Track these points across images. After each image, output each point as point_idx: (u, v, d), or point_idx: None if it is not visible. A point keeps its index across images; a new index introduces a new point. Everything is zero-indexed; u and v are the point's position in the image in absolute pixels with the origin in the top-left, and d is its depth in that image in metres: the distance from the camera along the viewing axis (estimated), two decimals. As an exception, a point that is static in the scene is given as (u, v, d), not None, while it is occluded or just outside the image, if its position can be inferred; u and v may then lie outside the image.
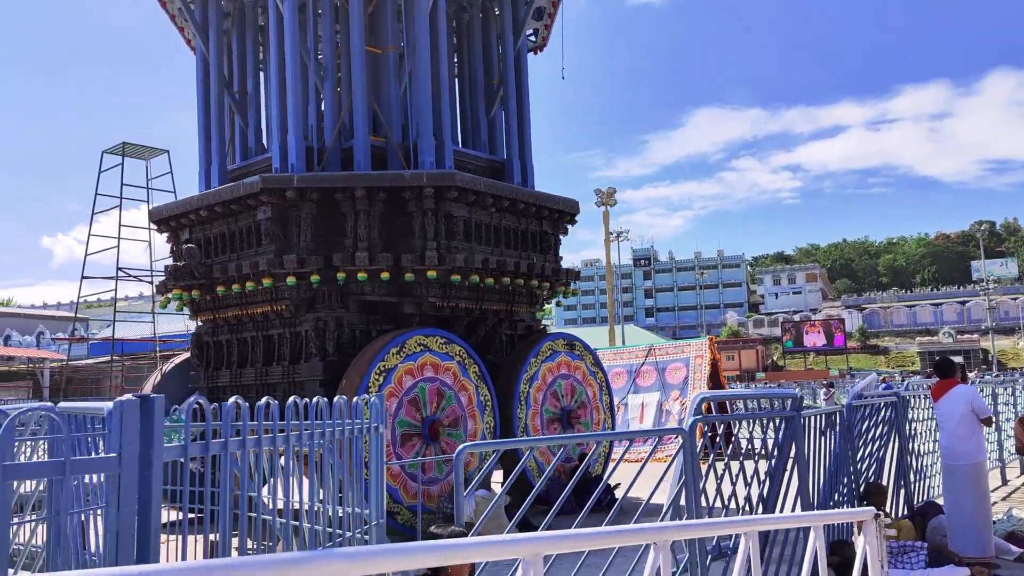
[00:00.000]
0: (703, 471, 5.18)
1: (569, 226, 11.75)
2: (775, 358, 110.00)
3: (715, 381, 18.67)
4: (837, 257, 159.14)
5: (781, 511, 5.82)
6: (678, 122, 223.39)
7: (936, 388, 7.29)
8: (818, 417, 6.52)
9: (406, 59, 10.38)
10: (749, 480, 5.61)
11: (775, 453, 5.96)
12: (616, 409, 19.50)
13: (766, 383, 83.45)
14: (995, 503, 10.31)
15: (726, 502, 5.30)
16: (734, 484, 5.35)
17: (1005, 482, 11.44)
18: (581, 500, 6.31)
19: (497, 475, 11.56)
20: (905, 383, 9.37)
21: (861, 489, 7.15)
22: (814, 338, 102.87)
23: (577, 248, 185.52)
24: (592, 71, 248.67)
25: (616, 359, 19.55)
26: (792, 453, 5.85)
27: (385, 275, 9.54)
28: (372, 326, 10.03)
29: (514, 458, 10.37)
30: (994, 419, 8.37)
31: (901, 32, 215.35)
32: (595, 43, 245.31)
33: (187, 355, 11.36)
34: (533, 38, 13.26)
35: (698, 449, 4.87)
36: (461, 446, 4.17)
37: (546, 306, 12.05)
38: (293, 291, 9.47)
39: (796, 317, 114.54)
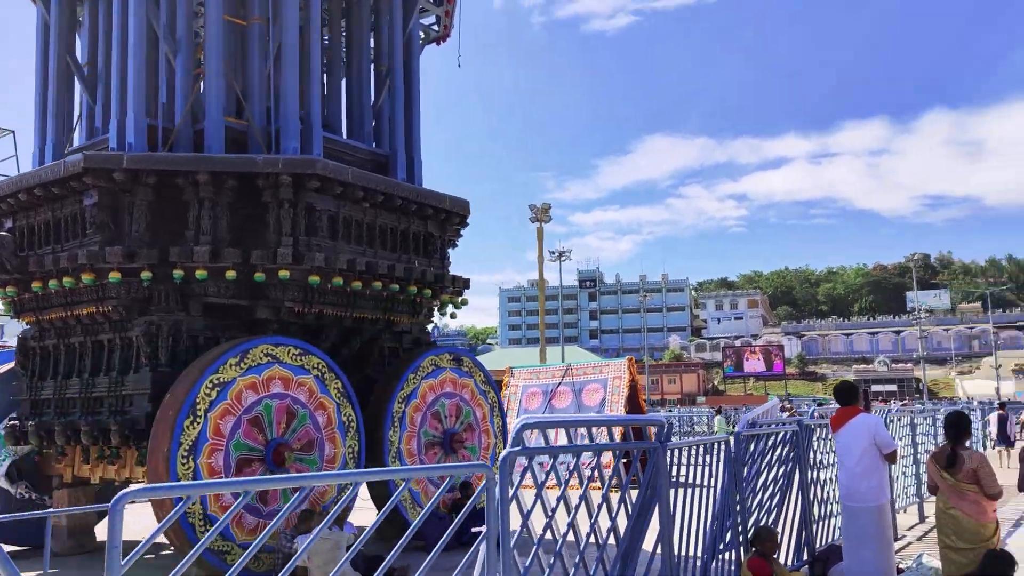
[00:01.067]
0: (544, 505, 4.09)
1: (460, 229, 10.64)
2: (716, 382, 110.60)
3: (633, 404, 17.70)
4: (779, 284, 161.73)
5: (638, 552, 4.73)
6: (629, 148, 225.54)
7: (836, 417, 6.32)
8: (693, 449, 5.47)
9: (271, 31, 9.17)
10: (606, 515, 4.53)
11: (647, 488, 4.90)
12: (530, 433, 18.50)
13: (706, 407, 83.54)
14: (909, 544, 9.44)
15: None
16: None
17: (923, 519, 10.61)
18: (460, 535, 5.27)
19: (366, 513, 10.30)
20: (811, 409, 8.41)
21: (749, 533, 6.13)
22: (754, 364, 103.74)
23: (526, 269, 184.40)
24: (545, 94, 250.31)
25: (532, 378, 18.47)
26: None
27: (231, 274, 8.26)
28: (222, 333, 8.72)
29: (386, 489, 9.15)
30: (899, 454, 7.41)
31: (844, 69, 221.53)
32: (548, 67, 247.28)
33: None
34: (436, 28, 12.20)
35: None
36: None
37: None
38: (120, 290, 8.13)
39: (737, 342, 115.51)
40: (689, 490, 5.52)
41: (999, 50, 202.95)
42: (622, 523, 4.79)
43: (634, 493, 4.92)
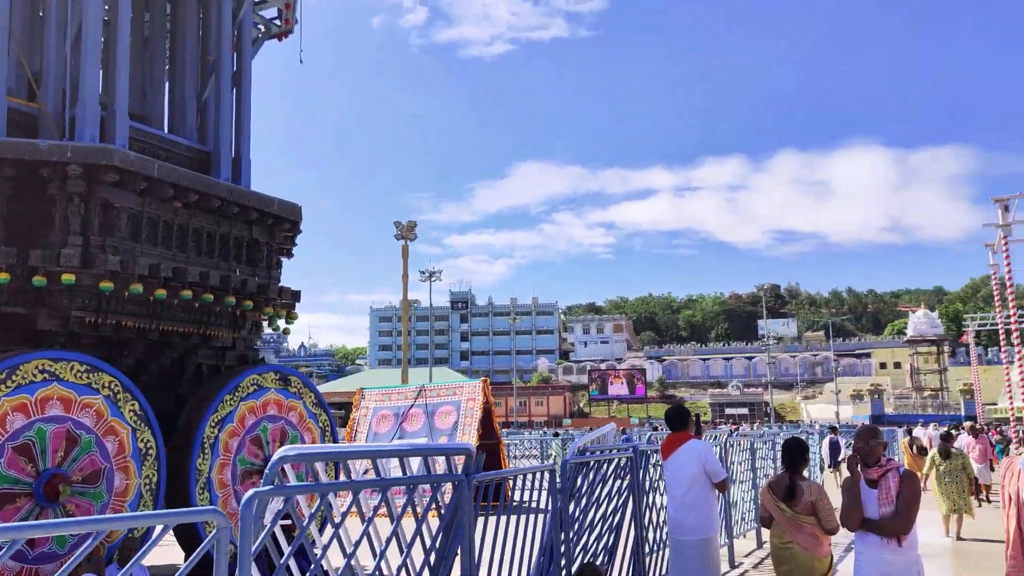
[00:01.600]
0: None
1: (292, 236, 9.79)
2: (582, 405, 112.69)
3: (487, 426, 17.22)
4: (643, 310, 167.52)
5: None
6: (504, 173, 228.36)
7: (666, 444, 5.99)
8: (521, 478, 4.94)
9: (71, 6, 8.08)
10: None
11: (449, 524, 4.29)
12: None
13: (568, 429, 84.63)
14: (746, 572, 9.33)
15: None
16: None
17: (760, 545, 10.57)
18: None
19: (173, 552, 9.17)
20: (648, 435, 8.14)
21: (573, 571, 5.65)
22: (618, 388, 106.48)
23: (399, 289, 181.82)
24: (423, 116, 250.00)
25: (384, 401, 17.64)
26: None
27: (4, 276, 7.09)
28: (-4, 345, 7.48)
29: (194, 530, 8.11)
30: (729, 484, 7.20)
31: (704, 107, 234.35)
32: (426, 89, 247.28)
33: None
34: (278, 22, 11.35)
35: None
36: None
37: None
38: None
39: (603, 366, 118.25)
40: (514, 524, 4.99)
41: (842, 96, 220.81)
42: (420, 560, 4.17)
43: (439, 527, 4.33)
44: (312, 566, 3.45)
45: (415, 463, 4.54)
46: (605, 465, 6.50)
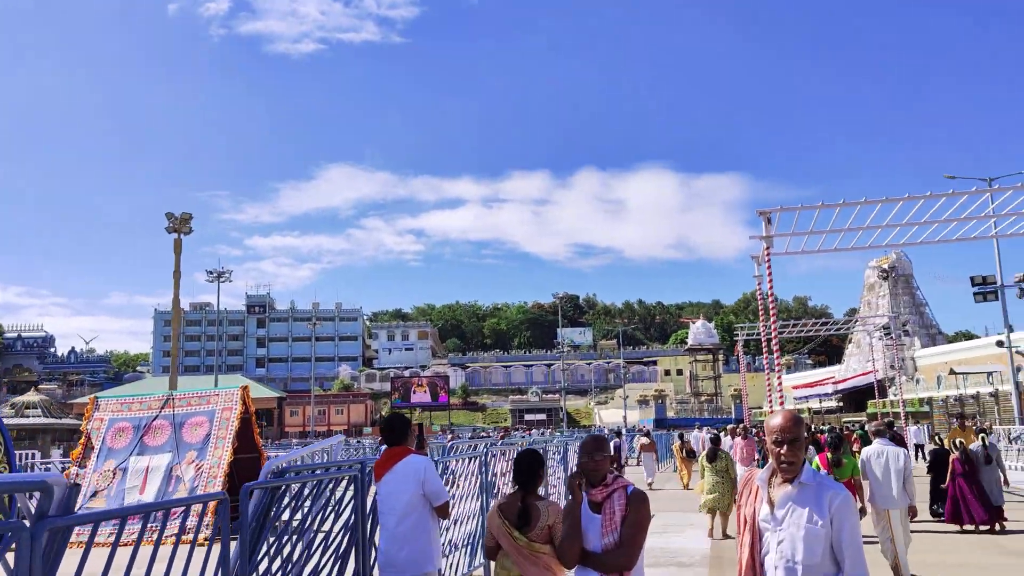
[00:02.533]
0: None
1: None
2: (384, 412, 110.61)
3: (246, 438, 15.46)
4: (450, 318, 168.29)
5: None
6: (311, 174, 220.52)
7: (380, 461, 4.96)
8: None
9: None
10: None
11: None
12: (113, 475, 15.33)
13: (365, 438, 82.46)
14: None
15: None
16: None
17: None
18: None
19: None
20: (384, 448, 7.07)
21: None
22: (421, 396, 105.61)
23: (193, 291, 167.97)
24: (221, 110, 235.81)
25: (123, 411, 15.31)
26: None
27: None
28: None
29: None
30: (450, 509, 6.27)
31: (513, 120, 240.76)
32: (227, 83, 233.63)
33: None
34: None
35: None
36: None
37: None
38: None
39: (406, 373, 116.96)
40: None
41: (639, 121, 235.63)
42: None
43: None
44: None
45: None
46: (315, 486, 5.37)
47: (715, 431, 17.88)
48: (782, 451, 3.13)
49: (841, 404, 74.36)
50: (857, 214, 19.15)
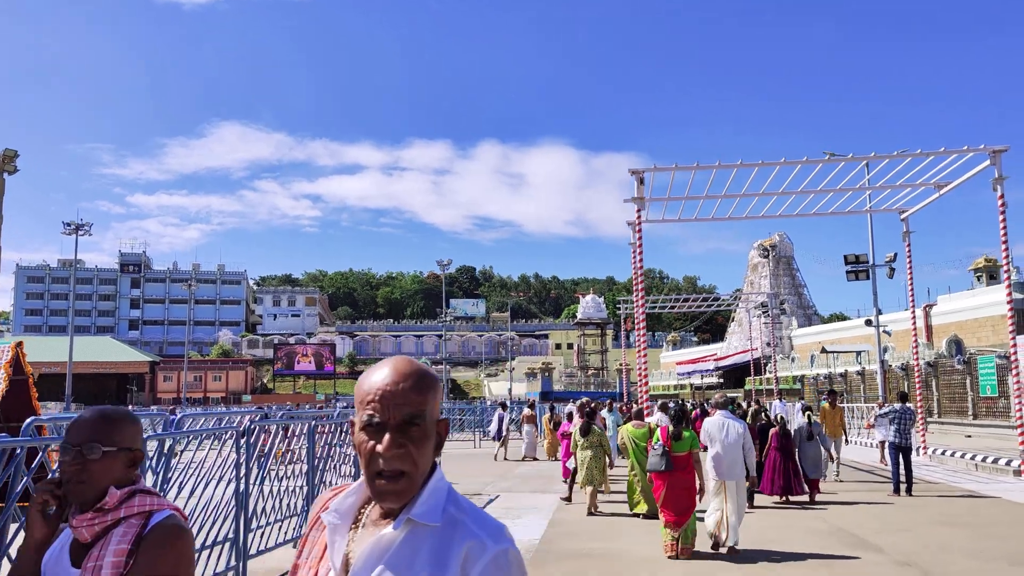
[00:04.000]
0: None
1: None
2: (266, 380, 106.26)
3: (21, 402, 12.97)
4: (342, 285, 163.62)
5: None
6: (201, 132, 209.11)
7: None
8: None
9: None
10: None
11: None
12: None
13: (247, 406, 78.63)
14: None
15: None
16: None
17: None
18: None
19: None
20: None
21: None
22: (305, 364, 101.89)
23: (65, 249, 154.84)
24: (105, 60, 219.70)
25: None
26: None
27: None
28: None
29: None
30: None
31: (414, 87, 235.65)
32: (111, 29, 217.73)
33: None
34: None
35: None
36: None
37: None
38: None
39: (292, 340, 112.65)
40: None
41: (539, 94, 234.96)
42: None
43: None
44: None
45: None
46: None
47: (589, 404, 16.80)
48: (379, 446, 1.44)
49: (722, 381, 76.10)
50: (733, 179, 18.17)
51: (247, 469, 7.01)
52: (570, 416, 23.71)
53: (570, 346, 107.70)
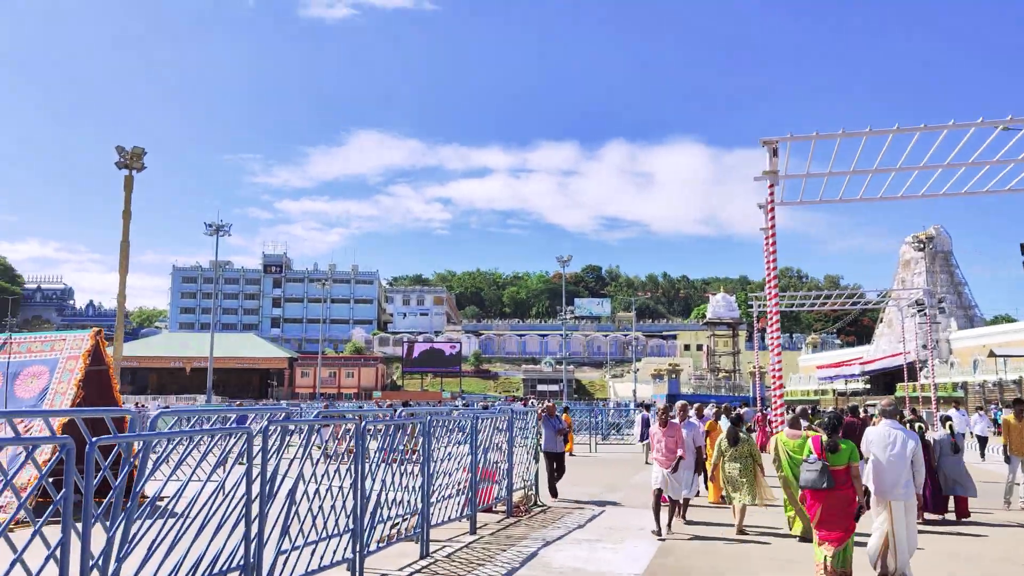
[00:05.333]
0: None
1: None
2: (395, 377, 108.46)
3: (99, 392, 12.46)
4: (469, 285, 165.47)
5: None
6: (341, 140, 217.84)
7: None
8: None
9: None
10: None
11: None
12: None
13: (378, 402, 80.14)
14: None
15: None
16: None
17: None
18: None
19: None
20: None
21: None
22: (433, 362, 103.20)
23: (225, 250, 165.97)
24: (254, 75, 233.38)
25: (-52, 357, 12.36)
26: None
27: None
28: None
29: None
30: None
31: (542, 90, 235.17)
32: (259, 46, 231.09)
33: None
34: None
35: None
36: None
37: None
38: None
39: (420, 338, 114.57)
40: None
41: (670, 94, 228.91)
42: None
43: None
44: None
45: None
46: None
47: (736, 408, 15.59)
48: None
49: (869, 386, 70.26)
50: (888, 148, 15.48)
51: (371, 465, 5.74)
52: (646, 423, 21.38)
53: (699, 347, 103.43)
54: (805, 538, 9.36)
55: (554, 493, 13.63)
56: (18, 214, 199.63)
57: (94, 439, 4.24)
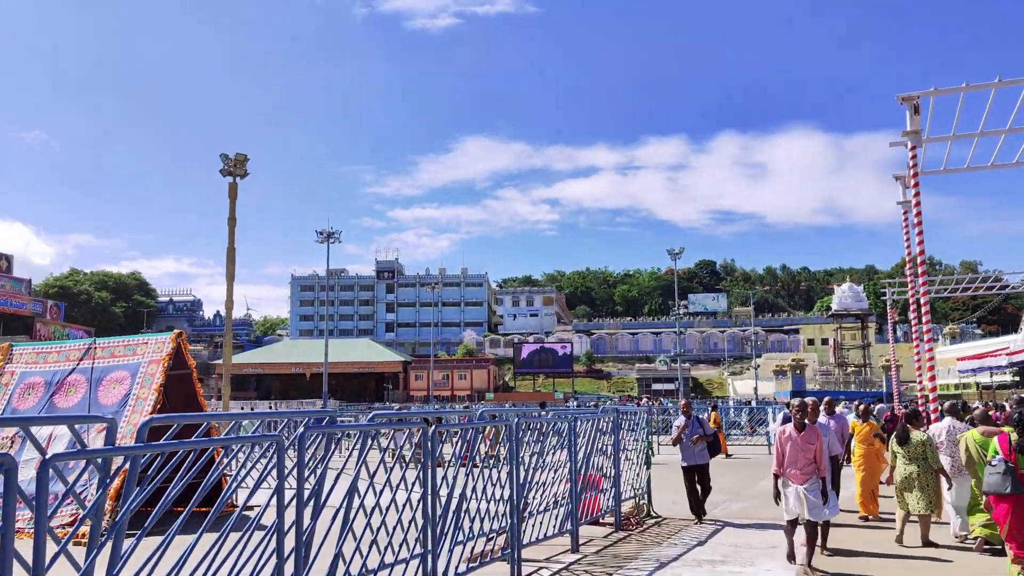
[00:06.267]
0: None
1: None
2: (507, 379, 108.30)
3: (186, 396, 11.98)
4: (579, 285, 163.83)
5: None
6: (448, 147, 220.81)
7: None
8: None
9: None
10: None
11: None
12: (11, 443, 12.26)
13: (488, 404, 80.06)
14: None
15: None
16: None
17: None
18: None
19: None
20: None
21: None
22: (544, 363, 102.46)
23: (334, 260, 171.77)
24: (364, 88, 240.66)
25: (36, 362, 12.19)
26: None
27: None
28: None
29: None
30: None
31: (646, 86, 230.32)
32: (368, 60, 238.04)
33: None
34: None
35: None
36: None
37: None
38: None
39: (530, 339, 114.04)
40: None
41: (782, 81, 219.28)
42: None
43: None
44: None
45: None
46: None
47: (910, 407, 13.47)
48: None
49: (1018, 379, 64.04)
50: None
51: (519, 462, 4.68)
52: (915, 416, 18.97)
53: (824, 341, 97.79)
54: (992, 548, 7.75)
55: (700, 515, 11.43)
56: (154, 232, 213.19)
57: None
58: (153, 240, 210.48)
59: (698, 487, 11.43)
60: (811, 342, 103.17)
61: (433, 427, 6.32)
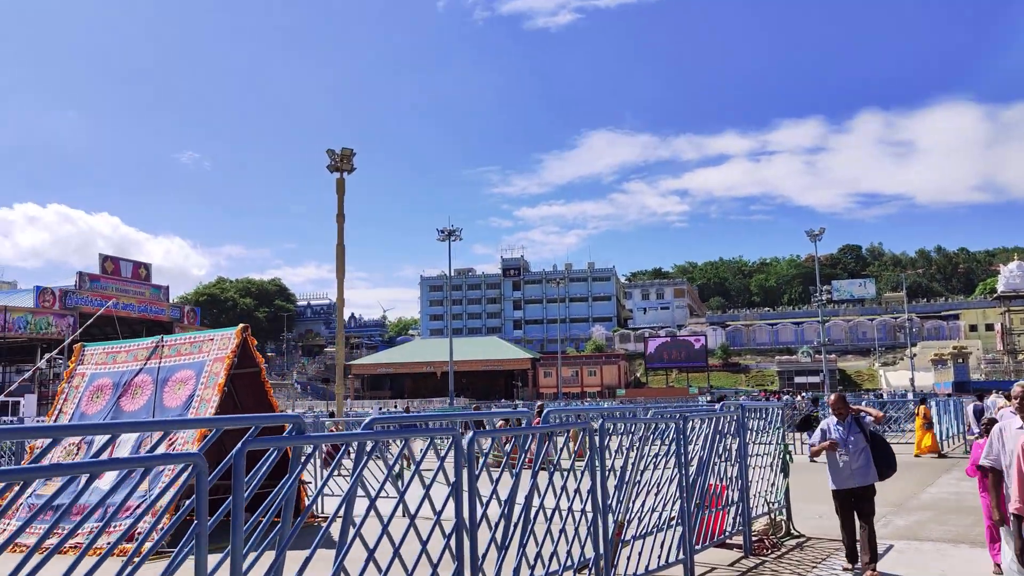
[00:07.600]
0: None
1: None
2: (639, 374, 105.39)
3: (256, 395, 10.92)
4: (712, 276, 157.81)
5: None
6: (573, 143, 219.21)
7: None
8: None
9: None
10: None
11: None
12: (78, 450, 11.57)
13: (621, 400, 77.78)
14: None
15: None
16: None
17: None
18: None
19: None
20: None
21: None
22: (677, 357, 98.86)
23: (460, 260, 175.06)
24: (488, 89, 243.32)
25: (106, 362, 11.51)
26: None
27: None
28: None
29: None
30: None
31: (778, 69, 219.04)
32: (491, 62, 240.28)
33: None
34: None
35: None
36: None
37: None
38: None
39: (661, 333, 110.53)
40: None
41: (928, 53, 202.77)
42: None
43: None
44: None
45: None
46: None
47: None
48: None
49: None
50: None
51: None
52: (979, 415, 16.05)
53: (988, 327, 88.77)
54: None
55: (854, 561, 7.59)
56: (296, 241, 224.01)
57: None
58: (295, 249, 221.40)
59: (856, 521, 7.61)
60: (973, 328, 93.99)
61: (472, 434, 4.68)
